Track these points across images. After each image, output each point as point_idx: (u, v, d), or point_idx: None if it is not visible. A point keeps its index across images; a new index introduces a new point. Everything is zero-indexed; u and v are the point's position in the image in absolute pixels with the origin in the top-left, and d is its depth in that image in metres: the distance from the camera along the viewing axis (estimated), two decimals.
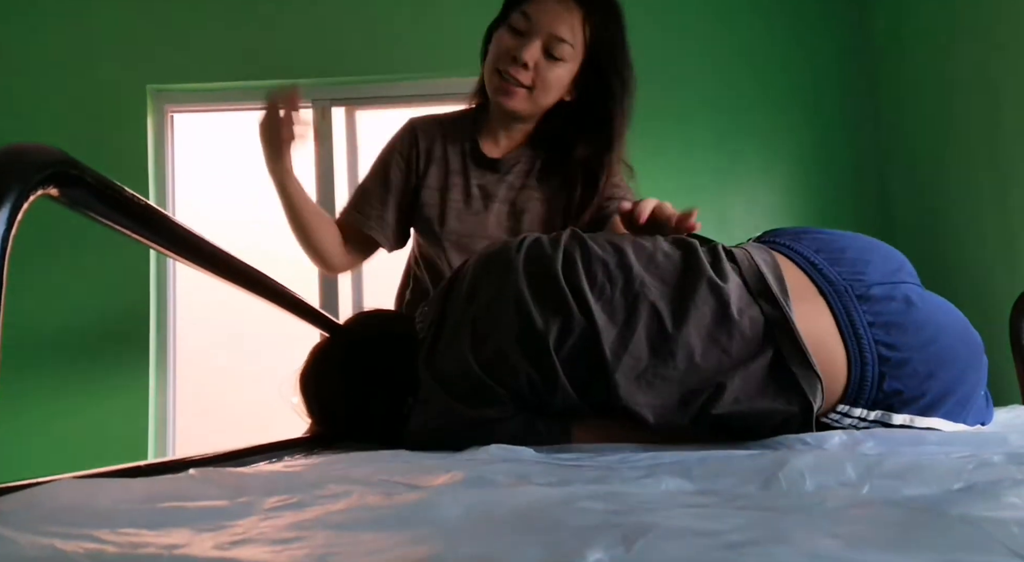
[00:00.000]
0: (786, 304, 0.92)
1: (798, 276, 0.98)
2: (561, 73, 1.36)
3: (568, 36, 1.34)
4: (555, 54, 1.34)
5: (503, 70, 1.36)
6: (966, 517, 0.42)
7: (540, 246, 0.99)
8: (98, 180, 0.54)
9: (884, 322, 0.94)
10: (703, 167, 2.91)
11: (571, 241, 1.00)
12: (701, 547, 0.37)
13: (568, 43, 1.34)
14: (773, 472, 0.61)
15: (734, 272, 0.96)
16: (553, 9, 1.35)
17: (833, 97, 2.98)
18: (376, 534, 0.43)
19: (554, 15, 1.34)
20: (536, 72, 1.35)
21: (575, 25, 1.34)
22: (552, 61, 1.35)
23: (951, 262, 2.54)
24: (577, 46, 1.35)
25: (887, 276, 1.00)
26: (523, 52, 1.33)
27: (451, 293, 1.03)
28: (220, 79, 2.96)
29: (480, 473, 0.65)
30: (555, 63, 1.35)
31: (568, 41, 1.34)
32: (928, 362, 0.94)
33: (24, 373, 2.62)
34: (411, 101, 2.98)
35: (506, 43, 1.36)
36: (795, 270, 0.99)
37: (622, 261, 0.96)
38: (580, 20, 1.34)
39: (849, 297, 0.95)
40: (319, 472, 0.70)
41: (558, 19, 1.34)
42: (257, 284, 0.95)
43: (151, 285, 2.83)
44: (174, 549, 0.39)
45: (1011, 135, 2.24)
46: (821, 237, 1.06)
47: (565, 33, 1.33)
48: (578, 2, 1.36)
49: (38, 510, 0.46)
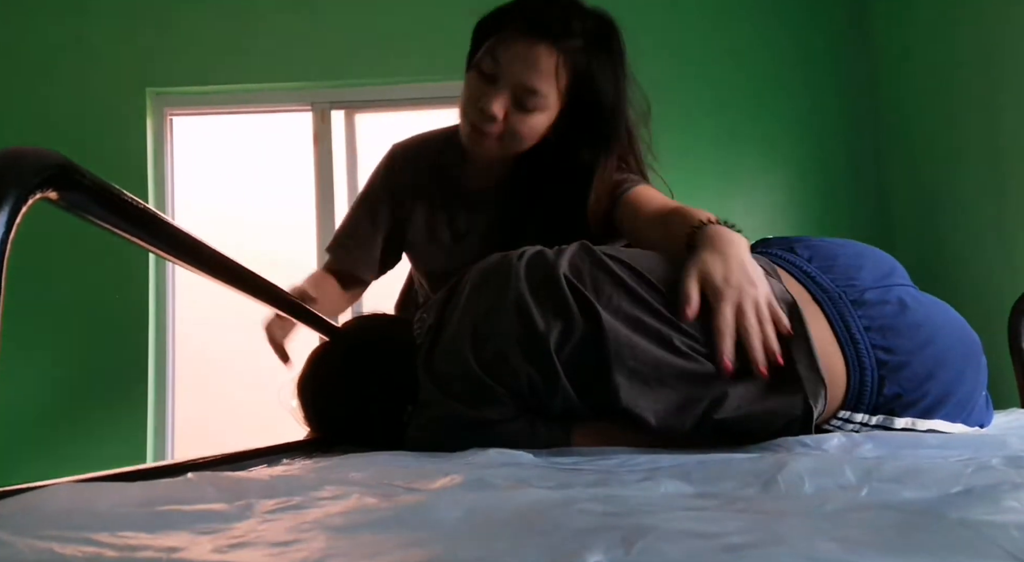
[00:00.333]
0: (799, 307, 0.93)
1: (793, 285, 0.99)
2: (534, 124, 1.20)
3: (542, 85, 1.17)
4: (527, 105, 1.18)
5: (471, 120, 1.22)
6: (965, 521, 0.42)
7: (542, 255, 1.00)
8: (97, 183, 0.54)
9: (880, 326, 0.95)
10: (703, 168, 2.91)
11: (579, 251, 1.00)
12: (700, 549, 0.37)
13: (541, 94, 1.17)
14: (772, 475, 0.60)
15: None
16: (524, 54, 1.16)
17: (832, 98, 2.99)
18: (375, 536, 0.43)
19: (525, 62, 1.16)
20: (506, 123, 1.20)
21: (551, 71, 1.16)
22: (523, 112, 1.19)
23: (950, 263, 2.55)
24: (553, 94, 1.18)
25: (879, 280, 1.00)
26: (490, 104, 1.18)
27: (451, 299, 1.03)
28: (219, 82, 2.97)
29: (479, 476, 0.65)
30: (527, 114, 1.19)
31: (541, 91, 1.17)
32: (926, 364, 0.94)
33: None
34: (410, 104, 2.99)
35: (473, 90, 1.22)
36: (789, 280, 0.99)
37: (631, 270, 0.97)
38: (557, 64, 1.16)
39: (844, 304, 0.96)
40: (318, 475, 0.70)
41: (529, 67, 1.16)
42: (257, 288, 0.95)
43: (150, 286, 2.83)
44: (172, 552, 0.39)
45: (1010, 136, 2.25)
46: (812, 245, 1.06)
47: (538, 82, 1.16)
48: (555, 43, 1.16)
49: (36, 514, 0.46)
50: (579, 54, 1.17)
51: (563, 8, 1.17)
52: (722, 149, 2.94)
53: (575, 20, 1.16)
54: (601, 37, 1.19)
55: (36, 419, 2.69)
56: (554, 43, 1.15)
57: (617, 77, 1.20)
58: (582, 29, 1.17)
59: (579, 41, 1.16)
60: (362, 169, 3.03)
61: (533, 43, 1.16)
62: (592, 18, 1.19)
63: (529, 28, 1.16)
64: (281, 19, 2.98)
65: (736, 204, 2.91)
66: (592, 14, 1.19)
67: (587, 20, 1.18)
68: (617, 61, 1.20)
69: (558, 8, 1.17)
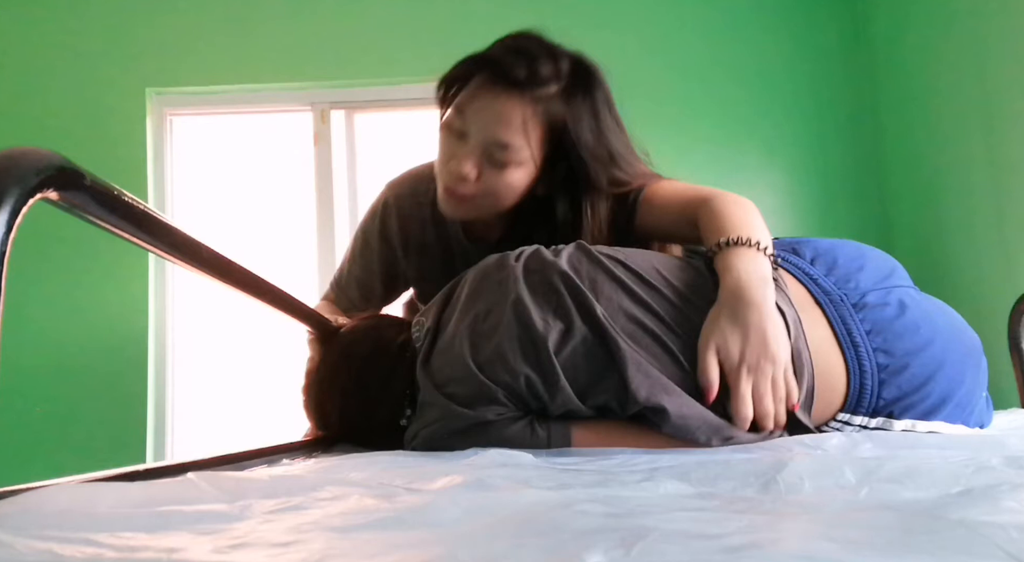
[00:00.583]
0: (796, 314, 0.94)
1: (795, 287, 0.99)
2: (510, 180, 1.11)
3: (513, 138, 1.07)
4: (500, 161, 1.09)
5: (444, 183, 1.14)
6: (964, 521, 0.42)
7: (540, 254, 1.00)
8: (97, 184, 0.54)
9: (880, 329, 0.95)
10: (703, 168, 2.91)
11: (577, 251, 1.00)
12: (700, 550, 0.37)
13: (513, 147, 1.08)
14: (772, 475, 0.61)
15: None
16: (491, 107, 1.08)
17: (832, 98, 2.99)
18: (375, 537, 0.43)
19: (493, 115, 1.07)
20: (480, 182, 1.11)
21: (521, 122, 1.07)
22: (497, 169, 1.10)
23: (950, 263, 2.55)
24: (527, 146, 1.09)
25: (880, 282, 1.01)
26: (460, 165, 1.10)
27: (449, 301, 1.03)
28: (219, 83, 2.97)
29: (479, 477, 0.65)
30: (501, 170, 1.10)
31: (513, 145, 1.08)
32: (926, 366, 0.94)
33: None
34: (410, 104, 2.98)
35: (443, 149, 1.14)
36: (792, 282, 1.00)
37: (629, 270, 0.97)
38: (528, 115, 1.07)
39: (845, 306, 0.96)
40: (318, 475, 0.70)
41: (498, 120, 1.07)
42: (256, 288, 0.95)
43: (150, 286, 2.83)
44: (173, 553, 0.39)
45: (1009, 137, 2.25)
46: (814, 246, 1.06)
47: (509, 135, 1.07)
48: (524, 92, 1.07)
49: (36, 514, 0.46)
50: (552, 102, 1.08)
51: (532, 54, 1.08)
52: (722, 149, 2.94)
53: (545, 66, 1.08)
54: (577, 80, 1.11)
55: (36, 419, 2.69)
56: (523, 93, 1.07)
57: (599, 119, 1.11)
58: (554, 74, 1.08)
59: (552, 87, 1.08)
60: (362, 169, 3.03)
61: (500, 94, 1.08)
62: (566, 61, 1.11)
63: (495, 79, 1.08)
64: (281, 19, 2.98)
65: None
66: (566, 56, 1.12)
67: (560, 64, 1.10)
68: (597, 103, 1.12)
69: (526, 55, 1.08)
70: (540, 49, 1.10)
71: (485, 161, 1.10)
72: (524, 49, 1.09)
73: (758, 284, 0.91)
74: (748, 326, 0.89)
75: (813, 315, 0.96)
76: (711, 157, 2.93)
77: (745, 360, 0.88)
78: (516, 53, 1.09)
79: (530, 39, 1.12)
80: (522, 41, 1.11)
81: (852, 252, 1.06)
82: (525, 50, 1.09)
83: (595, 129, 1.11)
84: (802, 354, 0.92)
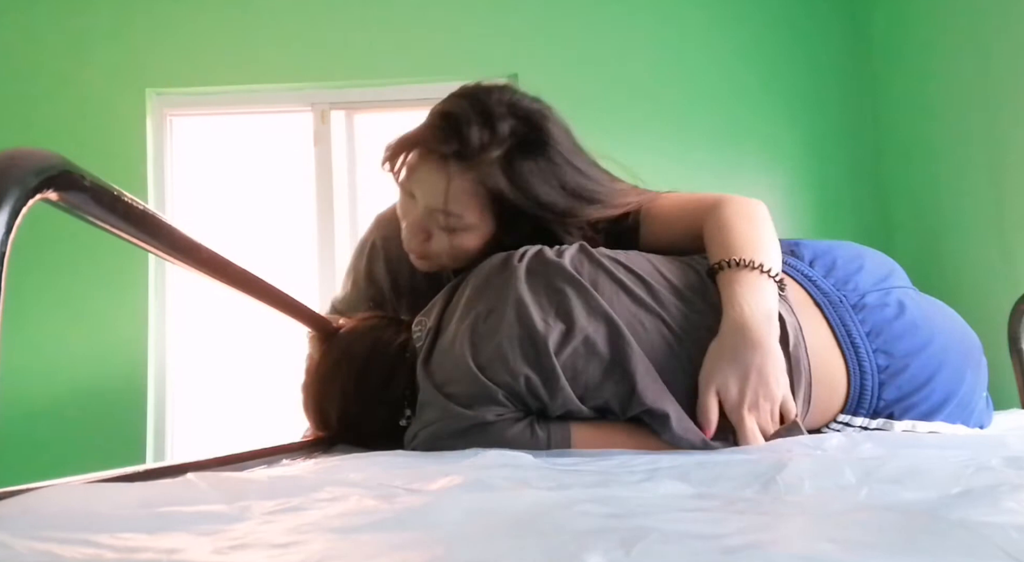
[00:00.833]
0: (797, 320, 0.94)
1: (795, 289, 0.99)
2: (462, 243, 1.09)
3: (453, 207, 1.05)
4: (448, 226, 1.07)
5: (406, 242, 1.13)
6: (964, 521, 0.42)
7: (543, 255, 1.00)
8: (97, 184, 0.54)
9: (880, 330, 0.95)
10: (703, 167, 2.91)
11: (579, 253, 1.00)
12: (699, 551, 0.37)
13: (455, 214, 1.06)
14: (771, 476, 0.61)
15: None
16: (429, 178, 1.06)
17: (832, 97, 2.99)
18: (375, 538, 0.43)
19: (431, 186, 1.06)
20: (433, 243, 1.10)
21: (461, 192, 1.04)
22: (449, 233, 1.08)
23: (950, 263, 2.55)
24: (473, 212, 1.06)
25: (879, 283, 1.01)
26: (410, 227, 1.11)
27: (451, 301, 1.03)
28: (219, 83, 2.96)
29: (479, 477, 0.65)
30: (452, 234, 1.08)
31: (454, 212, 1.05)
32: (926, 366, 0.94)
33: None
34: (410, 105, 2.98)
35: (402, 209, 1.13)
36: (792, 284, 1.00)
37: (629, 272, 0.97)
38: (467, 184, 1.04)
39: (845, 308, 0.96)
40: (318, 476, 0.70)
41: (435, 191, 1.05)
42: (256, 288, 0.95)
43: (150, 286, 2.83)
44: (172, 553, 0.39)
45: (1009, 136, 2.25)
46: (813, 248, 1.06)
47: (449, 205, 1.05)
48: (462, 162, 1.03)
49: (35, 515, 0.46)
50: (492, 168, 1.03)
51: (465, 123, 1.03)
52: (722, 149, 2.94)
53: (478, 134, 1.02)
54: (523, 140, 1.05)
55: (35, 419, 2.69)
56: (458, 163, 1.03)
57: (556, 171, 1.06)
58: (490, 141, 1.03)
59: (490, 153, 1.03)
60: (362, 170, 3.03)
61: (435, 165, 1.05)
62: (506, 123, 1.04)
63: (431, 150, 1.06)
64: (281, 20, 2.98)
65: None
66: (508, 116, 1.05)
67: (498, 128, 1.03)
68: (551, 154, 1.05)
69: (457, 125, 1.04)
70: (476, 115, 1.04)
71: (433, 225, 1.09)
72: (457, 118, 1.04)
73: (761, 321, 0.90)
74: (749, 367, 0.89)
75: (813, 317, 0.96)
76: (711, 157, 2.93)
77: (746, 401, 0.89)
78: (449, 124, 1.05)
79: (470, 103, 1.06)
80: (458, 108, 1.06)
81: (850, 253, 1.06)
82: (457, 119, 1.04)
83: (553, 180, 1.05)
84: (800, 362, 0.92)
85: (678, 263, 1.02)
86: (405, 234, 1.13)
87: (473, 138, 1.02)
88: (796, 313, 0.95)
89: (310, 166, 2.99)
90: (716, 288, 0.96)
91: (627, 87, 2.93)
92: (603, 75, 2.93)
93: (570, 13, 2.98)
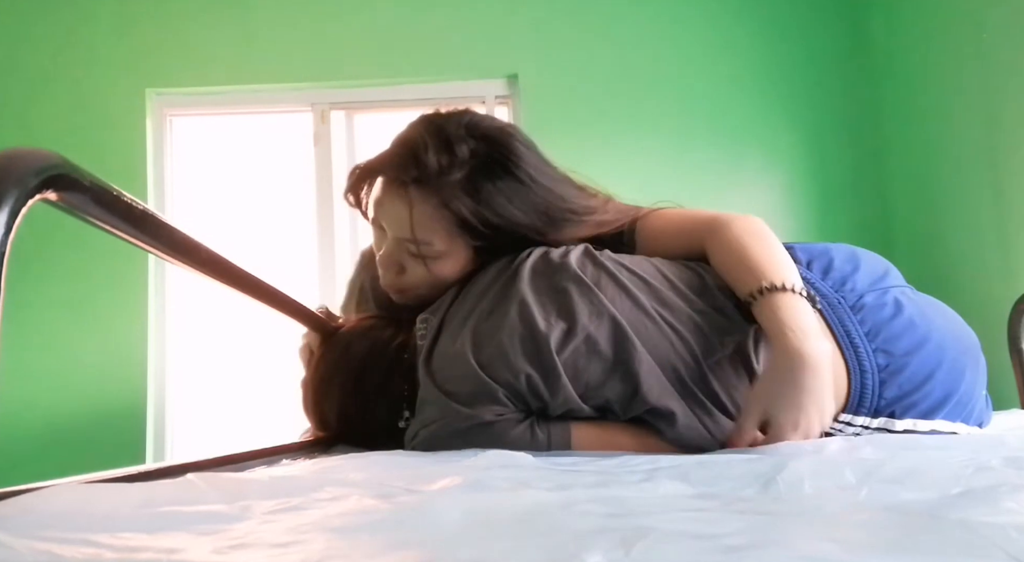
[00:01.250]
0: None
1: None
2: (437, 270, 1.06)
3: (421, 235, 1.03)
4: (421, 254, 1.05)
5: (382, 277, 1.11)
6: (964, 522, 0.42)
7: (548, 256, 1.01)
8: (96, 184, 0.54)
9: (879, 329, 0.96)
10: (703, 168, 2.92)
11: (583, 255, 1.01)
12: (699, 550, 0.37)
13: (423, 242, 1.03)
14: (772, 476, 0.61)
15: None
16: (393, 209, 1.04)
17: (833, 98, 2.99)
18: (374, 538, 0.43)
19: (395, 217, 1.04)
20: (408, 275, 1.08)
21: (427, 218, 1.02)
22: (420, 261, 1.06)
23: (950, 263, 2.55)
24: (440, 238, 1.03)
25: (875, 283, 1.02)
26: (385, 270, 1.09)
27: (455, 300, 1.04)
28: (219, 83, 2.96)
29: (479, 478, 0.65)
30: (424, 263, 1.06)
31: (422, 239, 1.03)
32: (925, 364, 0.95)
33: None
34: (410, 105, 2.98)
35: (375, 246, 1.12)
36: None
37: (633, 275, 0.97)
38: (430, 210, 1.02)
39: (843, 309, 0.97)
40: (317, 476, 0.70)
41: (400, 220, 1.03)
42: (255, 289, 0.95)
43: (150, 287, 2.83)
44: (172, 553, 0.39)
45: (1009, 137, 2.25)
46: (808, 250, 1.07)
47: (416, 233, 1.03)
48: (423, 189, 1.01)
49: (35, 515, 0.46)
50: (455, 191, 1.01)
51: (423, 149, 1.02)
52: (721, 149, 2.94)
53: (437, 159, 1.01)
54: (484, 160, 1.03)
55: (35, 419, 2.69)
56: (419, 190, 1.02)
57: (523, 190, 1.03)
58: (450, 164, 1.01)
59: (451, 176, 1.01)
60: None
61: (397, 194, 1.03)
62: (465, 145, 1.03)
63: (392, 179, 1.05)
64: (281, 20, 2.98)
65: (735, 205, 2.91)
66: (467, 139, 1.03)
67: (457, 151, 1.02)
68: (517, 174, 1.03)
69: (415, 152, 1.02)
70: (433, 140, 1.03)
71: (404, 256, 1.07)
72: (415, 144, 1.03)
73: (815, 345, 0.87)
74: (802, 392, 0.85)
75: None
76: (711, 157, 2.93)
77: (796, 428, 0.86)
78: (407, 151, 1.04)
79: (427, 129, 1.05)
80: (415, 134, 1.05)
81: (846, 254, 1.07)
82: (415, 145, 1.03)
83: (517, 199, 1.03)
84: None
85: (680, 265, 1.03)
86: (380, 270, 1.10)
87: (431, 162, 1.01)
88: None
89: (310, 166, 2.99)
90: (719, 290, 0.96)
91: (627, 87, 2.93)
92: (603, 75, 2.93)
93: (570, 13, 2.98)
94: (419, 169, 1.01)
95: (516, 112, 2.97)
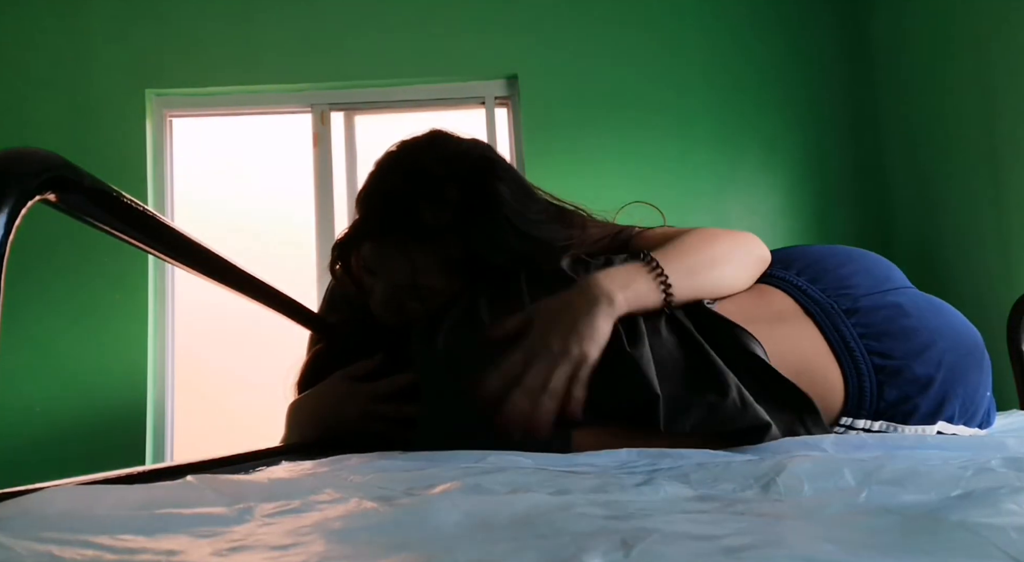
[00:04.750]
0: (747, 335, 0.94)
1: (783, 300, 1.00)
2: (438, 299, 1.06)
3: (427, 280, 1.04)
4: (421, 296, 1.05)
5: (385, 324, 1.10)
6: (964, 523, 0.42)
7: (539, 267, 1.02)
8: (96, 185, 0.54)
9: (875, 332, 0.96)
10: (703, 169, 2.92)
11: (574, 266, 1.02)
12: (699, 552, 0.37)
13: (423, 285, 1.04)
14: (771, 477, 0.60)
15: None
16: (391, 262, 1.04)
17: (832, 99, 2.99)
18: (374, 540, 0.43)
19: (397, 268, 1.04)
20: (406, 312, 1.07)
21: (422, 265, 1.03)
22: (417, 300, 1.05)
23: (950, 263, 2.55)
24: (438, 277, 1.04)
25: (875, 286, 1.02)
26: (385, 311, 1.07)
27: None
28: (219, 84, 2.97)
29: (478, 480, 0.65)
30: (422, 301, 1.05)
31: (419, 284, 1.04)
32: (926, 366, 0.95)
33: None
34: (410, 106, 2.99)
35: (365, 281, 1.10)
36: (780, 295, 1.01)
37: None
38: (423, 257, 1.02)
39: (836, 313, 0.98)
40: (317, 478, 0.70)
41: (403, 270, 1.04)
42: (255, 289, 0.95)
43: (150, 288, 2.83)
44: (172, 555, 0.39)
45: (1009, 137, 2.25)
46: (802, 257, 1.07)
47: (423, 279, 1.04)
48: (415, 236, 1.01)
49: (35, 516, 0.46)
50: (452, 237, 1.01)
51: (410, 200, 1.01)
52: (721, 151, 2.95)
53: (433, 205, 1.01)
54: (471, 201, 1.02)
55: (34, 420, 2.69)
56: (413, 237, 1.02)
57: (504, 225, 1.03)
58: (440, 210, 1.01)
59: (448, 218, 1.01)
60: (362, 171, 3.03)
61: (395, 246, 1.04)
62: (454, 187, 1.02)
63: (383, 230, 1.04)
64: (281, 21, 2.98)
65: (735, 206, 2.92)
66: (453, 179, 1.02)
67: (445, 195, 1.01)
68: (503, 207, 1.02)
69: (403, 203, 1.01)
70: (419, 189, 1.02)
71: (404, 296, 1.06)
72: (401, 198, 1.02)
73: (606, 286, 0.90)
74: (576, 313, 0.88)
75: (805, 325, 0.98)
76: (711, 158, 2.93)
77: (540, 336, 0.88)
78: (395, 206, 1.03)
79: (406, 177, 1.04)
80: (397, 185, 1.03)
81: (842, 259, 1.07)
82: (402, 199, 1.02)
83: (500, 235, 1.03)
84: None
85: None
86: (378, 310, 1.09)
87: (426, 216, 1.00)
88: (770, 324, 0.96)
89: (310, 167, 2.99)
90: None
91: (627, 87, 2.93)
92: (603, 75, 2.93)
93: (570, 13, 2.98)
94: (413, 224, 1.01)
95: (516, 113, 2.97)
